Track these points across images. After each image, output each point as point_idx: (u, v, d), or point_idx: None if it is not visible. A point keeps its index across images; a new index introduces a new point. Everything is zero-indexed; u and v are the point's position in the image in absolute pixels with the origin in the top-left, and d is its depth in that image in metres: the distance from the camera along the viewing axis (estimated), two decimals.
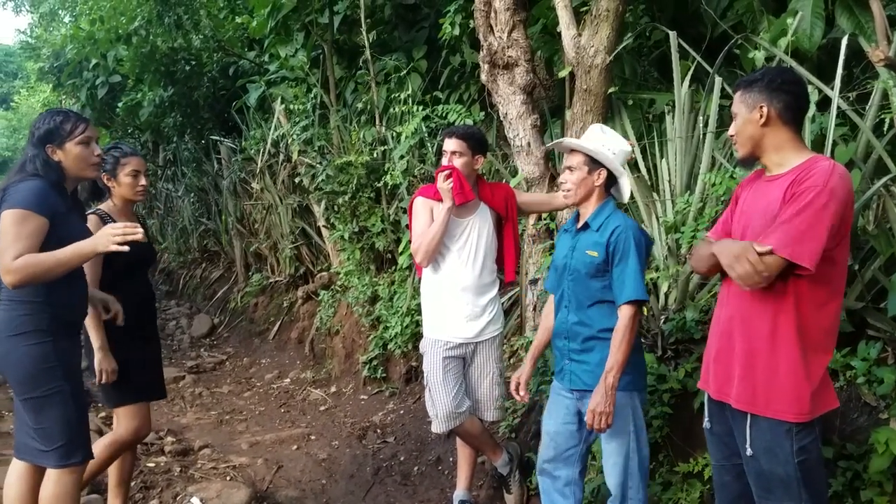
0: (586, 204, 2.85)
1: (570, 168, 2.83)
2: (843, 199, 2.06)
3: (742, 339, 2.24)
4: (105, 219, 3.22)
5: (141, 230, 2.57)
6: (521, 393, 3.10)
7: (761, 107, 2.19)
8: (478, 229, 3.54)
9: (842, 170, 2.11)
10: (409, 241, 3.71)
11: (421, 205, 3.54)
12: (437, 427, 3.56)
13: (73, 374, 2.73)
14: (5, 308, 2.67)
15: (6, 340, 2.64)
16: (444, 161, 3.49)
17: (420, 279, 3.73)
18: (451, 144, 3.47)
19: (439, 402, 3.51)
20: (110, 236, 2.54)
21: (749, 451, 2.21)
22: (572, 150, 2.86)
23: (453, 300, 3.53)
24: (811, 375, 2.13)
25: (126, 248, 2.56)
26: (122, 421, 3.34)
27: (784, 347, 2.14)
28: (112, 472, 3.46)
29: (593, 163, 2.80)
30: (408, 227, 3.84)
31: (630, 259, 2.70)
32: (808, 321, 2.13)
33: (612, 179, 2.85)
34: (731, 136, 2.31)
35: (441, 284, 3.56)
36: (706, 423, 2.45)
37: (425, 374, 3.63)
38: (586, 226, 2.83)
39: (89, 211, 3.25)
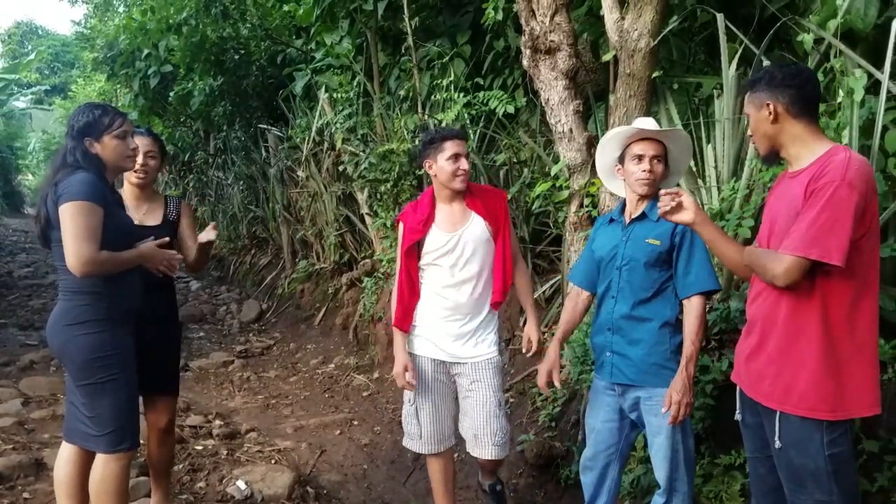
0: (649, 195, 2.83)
1: (657, 158, 2.77)
2: (862, 190, 2.04)
3: (771, 338, 2.23)
4: None
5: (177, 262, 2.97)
6: (556, 384, 3.01)
7: (767, 104, 2.22)
8: (471, 243, 3.20)
9: (858, 160, 2.10)
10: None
11: (399, 232, 3.34)
12: (420, 447, 3.33)
13: (127, 363, 2.81)
14: (65, 298, 2.76)
15: (65, 329, 2.73)
16: (458, 166, 3.12)
17: None
18: (461, 146, 3.15)
19: (425, 421, 3.28)
20: (159, 260, 2.89)
21: (778, 444, 2.20)
22: (653, 140, 2.78)
23: (442, 319, 3.25)
24: (842, 374, 2.10)
25: (170, 272, 2.95)
26: None
27: (812, 345, 2.12)
28: (150, 464, 3.48)
29: (666, 157, 2.81)
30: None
31: (697, 248, 2.69)
32: (837, 318, 2.10)
33: None
34: (750, 136, 2.34)
35: (430, 300, 3.28)
36: (738, 416, 2.45)
37: (409, 392, 3.33)
38: (643, 216, 2.80)
39: None
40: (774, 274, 2.11)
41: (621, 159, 2.87)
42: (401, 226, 3.34)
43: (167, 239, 3.02)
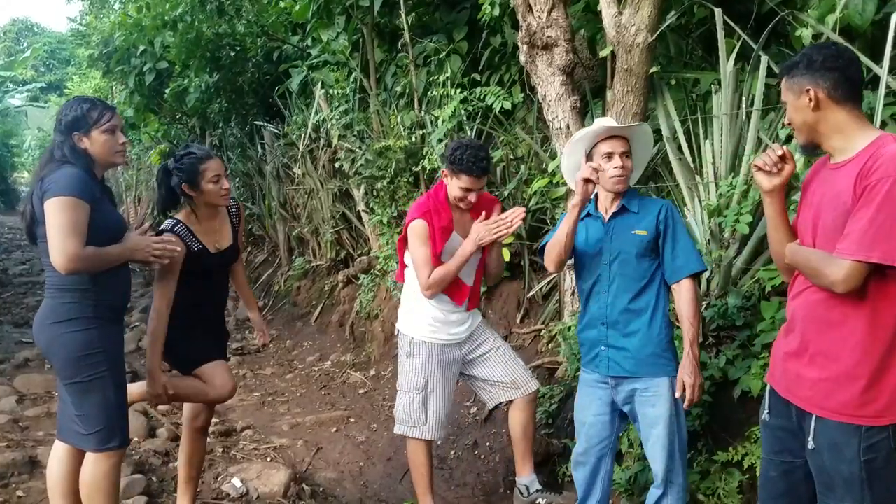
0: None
1: (626, 154, 2.83)
2: None
3: (813, 339, 2.09)
4: (183, 235, 3.17)
5: (180, 247, 2.96)
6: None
7: (808, 90, 2.04)
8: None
9: None
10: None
11: (423, 231, 3.30)
12: (425, 433, 3.44)
13: (115, 361, 2.78)
14: (51, 296, 2.73)
15: (51, 327, 2.69)
16: (466, 198, 3.28)
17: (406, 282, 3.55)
18: (477, 183, 3.27)
19: (436, 406, 3.42)
20: (148, 248, 2.79)
21: (811, 445, 2.08)
22: (619, 137, 2.84)
23: (450, 312, 3.44)
24: (888, 379, 1.97)
25: (164, 261, 2.87)
26: (209, 381, 3.26)
27: (857, 351, 1.99)
28: (181, 468, 3.44)
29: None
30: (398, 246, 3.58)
31: (681, 233, 2.79)
32: (888, 321, 1.96)
33: None
34: (788, 124, 2.18)
35: (441, 298, 3.41)
36: (765, 416, 2.31)
37: (416, 379, 3.44)
38: (623, 209, 2.86)
39: (164, 225, 3.21)
40: (832, 280, 1.96)
41: (588, 159, 2.89)
42: (422, 225, 3.29)
43: (147, 225, 3.03)
